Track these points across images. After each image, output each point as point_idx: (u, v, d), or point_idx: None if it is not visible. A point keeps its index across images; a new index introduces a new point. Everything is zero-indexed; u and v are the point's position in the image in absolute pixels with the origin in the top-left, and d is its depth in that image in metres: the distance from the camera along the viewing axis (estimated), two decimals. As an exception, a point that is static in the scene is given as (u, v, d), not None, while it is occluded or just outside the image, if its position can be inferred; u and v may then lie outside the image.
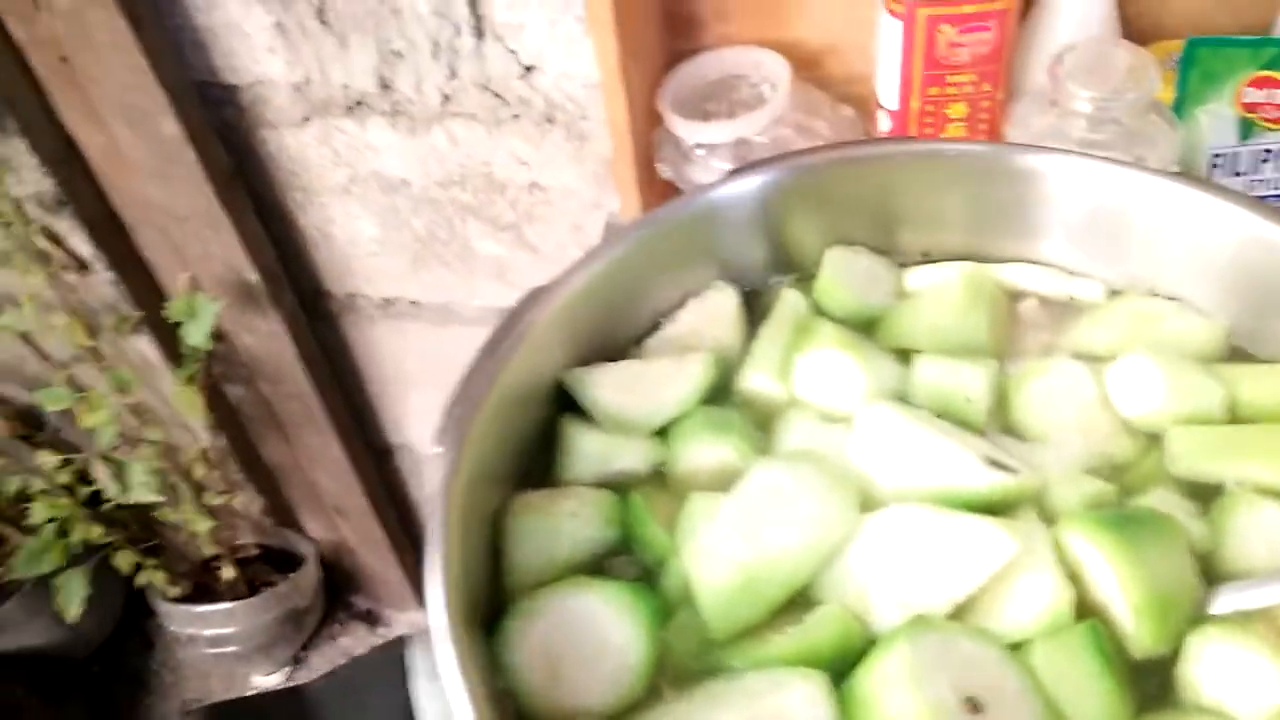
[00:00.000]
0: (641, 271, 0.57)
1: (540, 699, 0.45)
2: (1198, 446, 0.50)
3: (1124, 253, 0.56)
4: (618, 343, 0.59)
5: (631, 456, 0.54)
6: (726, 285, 0.61)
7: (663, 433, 0.56)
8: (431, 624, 0.38)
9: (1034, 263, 0.60)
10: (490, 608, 0.48)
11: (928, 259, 0.61)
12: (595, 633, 0.47)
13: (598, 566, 0.51)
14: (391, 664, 0.40)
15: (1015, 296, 0.59)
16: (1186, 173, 0.53)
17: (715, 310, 0.60)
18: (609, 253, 0.54)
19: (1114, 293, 0.59)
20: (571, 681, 0.46)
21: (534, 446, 0.55)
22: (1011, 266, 0.60)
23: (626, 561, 0.51)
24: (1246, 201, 0.51)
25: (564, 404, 0.56)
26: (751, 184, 0.56)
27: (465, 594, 0.43)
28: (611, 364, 0.57)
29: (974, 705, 0.40)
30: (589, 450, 0.54)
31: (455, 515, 0.43)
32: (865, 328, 0.59)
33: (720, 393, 0.57)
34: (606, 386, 0.56)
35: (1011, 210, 0.56)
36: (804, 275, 0.61)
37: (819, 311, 0.60)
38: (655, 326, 0.60)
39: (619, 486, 0.53)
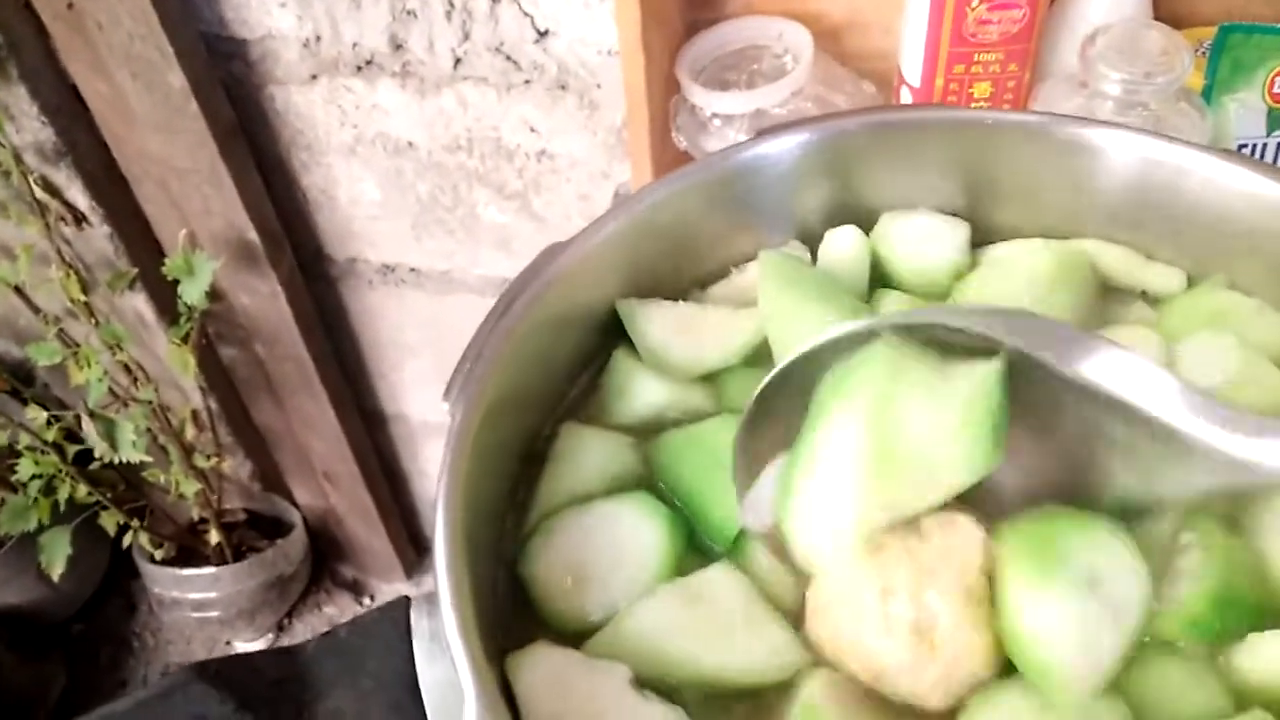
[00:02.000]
0: (701, 215, 0.55)
1: (562, 605, 0.46)
2: None
3: (1174, 236, 0.54)
4: (680, 283, 0.58)
5: (675, 399, 0.53)
6: (799, 244, 0.59)
7: (710, 380, 0.55)
8: (438, 586, 0.37)
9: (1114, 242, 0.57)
10: (514, 540, 0.48)
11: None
12: (615, 538, 0.47)
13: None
14: (391, 625, 0.39)
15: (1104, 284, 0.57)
16: (1239, 154, 0.52)
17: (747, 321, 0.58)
18: (661, 189, 0.53)
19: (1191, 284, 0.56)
20: (593, 587, 0.46)
21: (580, 370, 0.55)
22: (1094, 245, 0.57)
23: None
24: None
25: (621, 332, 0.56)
26: (810, 139, 0.54)
27: (473, 548, 0.42)
28: (668, 302, 0.56)
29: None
30: (635, 389, 0.54)
31: (465, 465, 0.42)
32: (933, 292, 0.57)
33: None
34: (656, 321, 0.55)
35: (1059, 187, 0.55)
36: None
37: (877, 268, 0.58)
38: (725, 274, 0.59)
39: (657, 427, 0.53)
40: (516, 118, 1.06)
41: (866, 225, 0.58)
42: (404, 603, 0.40)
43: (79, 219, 1.17)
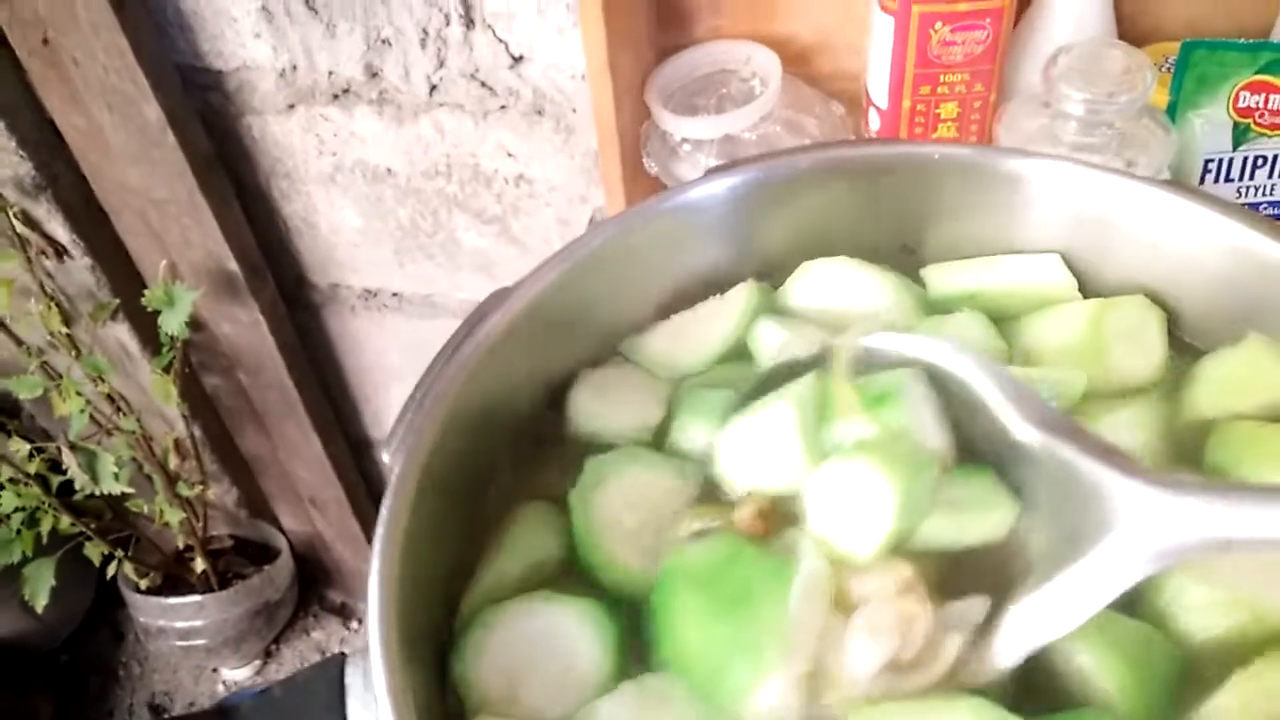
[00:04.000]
0: (650, 255, 0.55)
1: (497, 714, 0.44)
2: None
3: (1109, 260, 0.55)
4: (631, 322, 0.58)
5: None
6: (754, 282, 0.59)
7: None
8: (370, 641, 0.37)
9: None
10: (449, 623, 0.47)
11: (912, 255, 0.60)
12: (557, 648, 0.45)
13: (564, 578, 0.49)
14: (328, 683, 0.38)
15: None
16: (1172, 180, 0.52)
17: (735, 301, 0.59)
18: (606, 230, 0.53)
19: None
20: (531, 698, 0.44)
21: (511, 449, 0.54)
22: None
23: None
24: (1234, 211, 0.50)
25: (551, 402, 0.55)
26: (728, 184, 0.54)
27: (413, 609, 0.41)
28: (662, 321, 0.58)
29: None
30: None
31: (401, 528, 0.41)
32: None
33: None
34: (656, 339, 0.57)
35: (997, 214, 0.55)
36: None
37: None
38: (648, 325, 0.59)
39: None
40: (493, 143, 1.06)
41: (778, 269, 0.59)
42: (339, 659, 0.40)
43: (60, 252, 1.18)
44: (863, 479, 0.43)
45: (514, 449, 0.54)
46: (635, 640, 0.46)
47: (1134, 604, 0.46)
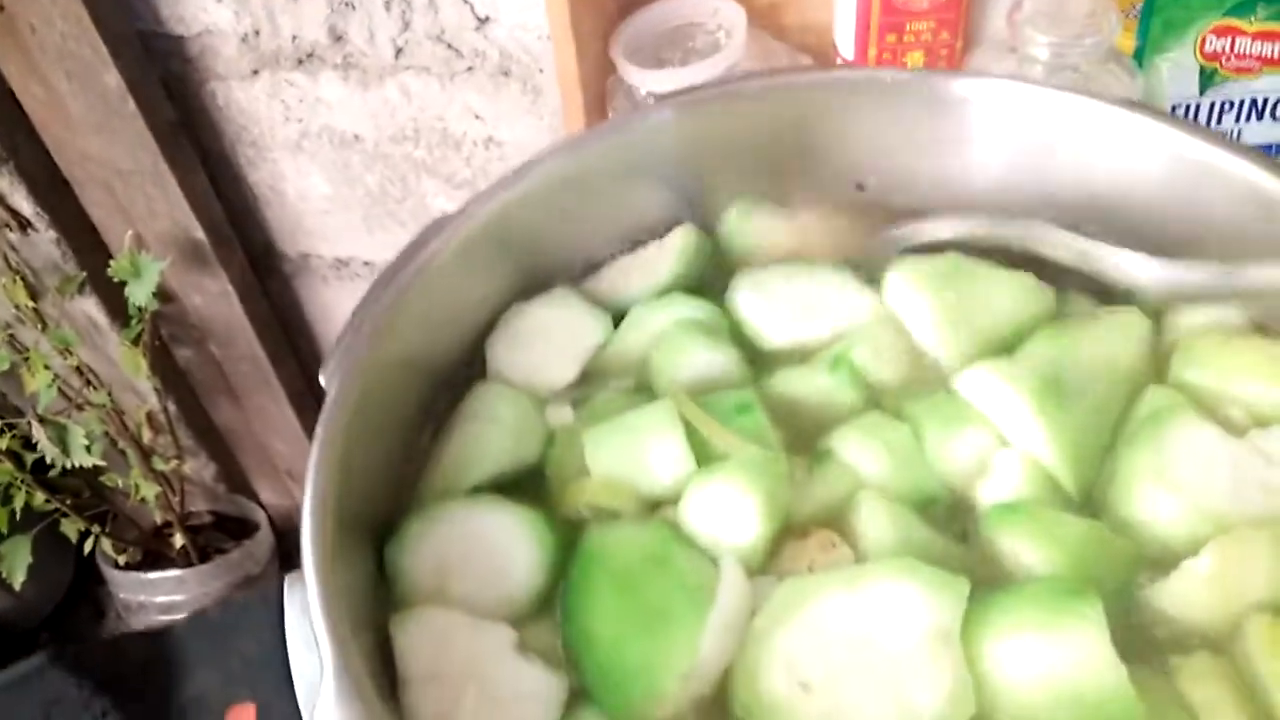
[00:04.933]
0: (595, 183, 0.55)
1: (424, 604, 0.45)
2: None
3: (1058, 178, 0.54)
4: (574, 256, 0.58)
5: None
6: (692, 225, 0.59)
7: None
8: (304, 559, 0.37)
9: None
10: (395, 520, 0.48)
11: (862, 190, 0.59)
12: (494, 551, 0.46)
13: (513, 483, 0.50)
14: (263, 605, 0.38)
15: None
16: (1114, 97, 0.52)
17: (673, 244, 0.59)
18: (553, 158, 0.52)
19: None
20: (458, 595, 0.45)
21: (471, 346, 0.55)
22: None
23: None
24: (1173, 121, 0.50)
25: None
26: (675, 110, 0.54)
27: (348, 520, 0.42)
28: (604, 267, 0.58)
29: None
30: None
31: (336, 452, 0.41)
32: None
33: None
34: (603, 278, 0.57)
35: (946, 144, 0.55)
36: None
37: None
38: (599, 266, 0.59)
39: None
40: (461, 106, 1.05)
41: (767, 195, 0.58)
42: (278, 583, 0.40)
43: (24, 225, 1.16)
44: (726, 495, 0.46)
45: (451, 378, 0.54)
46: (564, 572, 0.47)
47: (1096, 510, 0.46)
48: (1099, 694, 0.39)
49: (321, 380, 0.44)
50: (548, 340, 0.55)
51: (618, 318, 0.57)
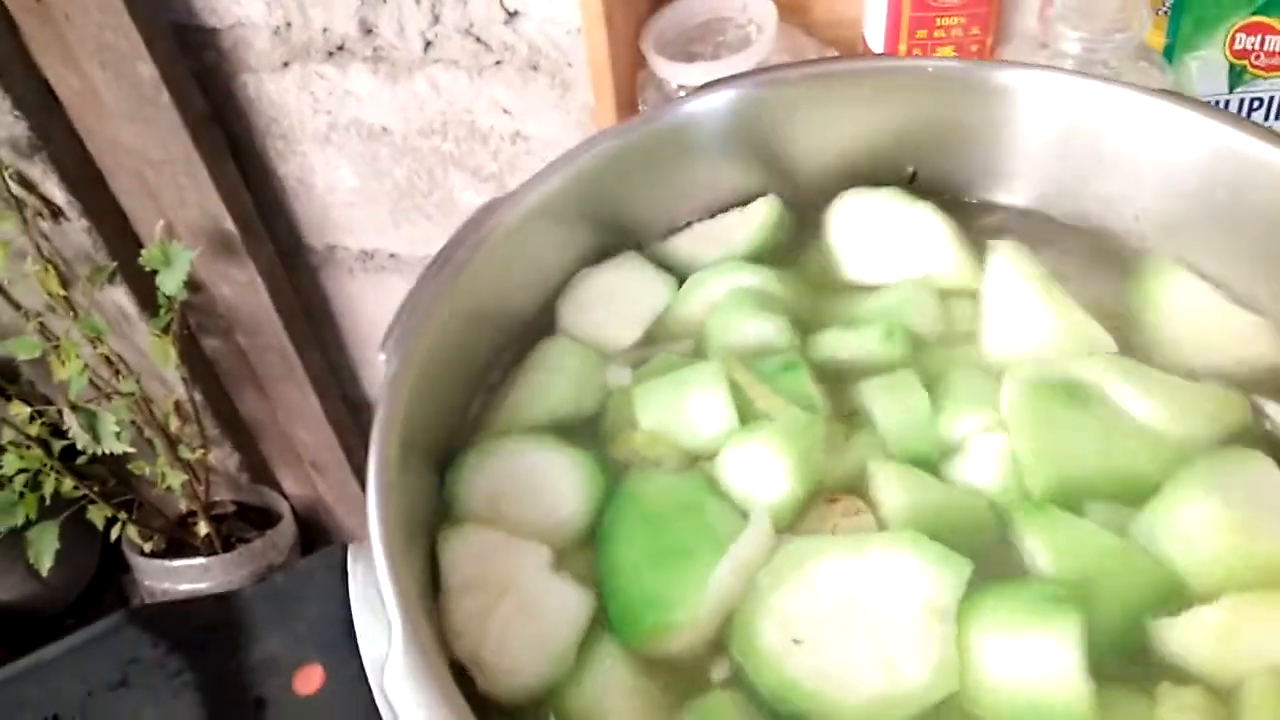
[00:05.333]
0: (644, 169, 0.56)
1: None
2: None
3: (1101, 171, 0.55)
4: (628, 236, 0.59)
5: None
6: (776, 197, 0.60)
7: None
8: (370, 531, 0.38)
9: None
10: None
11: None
12: (541, 484, 0.48)
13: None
14: (328, 572, 0.39)
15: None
16: (1157, 89, 0.52)
17: (755, 215, 0.60)
18: (604, 142, 0.53)
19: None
20: (509, 521, 0.47)
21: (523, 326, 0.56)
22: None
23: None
24: (1218, 114, 0.51)
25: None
26: (727, 97, 0.55)
27: (410, 506, 0.42)
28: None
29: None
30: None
31: (398, 424, 0.42)
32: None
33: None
34: (682, 241, 0.59)
35: (991, 131, 0.55)
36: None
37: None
38: (674, 227, 0.61)
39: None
40: (489, 100, 1.06)
41: (807, 180, 0.59)
42: (342, 549, 0.41)
43: (56, 213, 1.17)
44: (761, 455, 0.47)
45: (523, 333, 0.56)
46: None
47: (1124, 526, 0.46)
48: (1057, 710, 0.40)
49: (380, 357, 0.45)
50: (612, 303, 0.57)
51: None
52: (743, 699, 0.42)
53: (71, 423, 1.16)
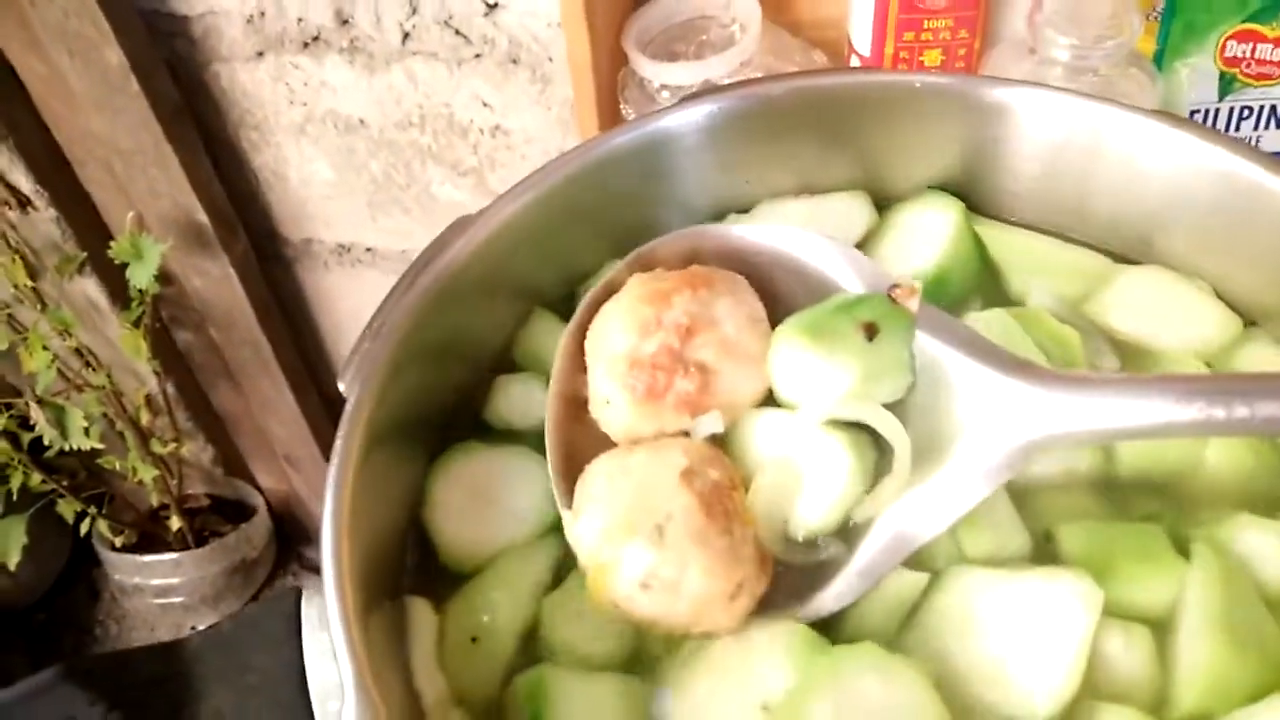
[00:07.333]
0: (620, 183, 0.54)
1: (449, 532, 0.49)
2: None
3: (1093, 191, 0.53)
4: (599, 253, 0.58)
5: None
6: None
7: None
8: (325, 577, 0.36)
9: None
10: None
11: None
12: (506, 487, 0.50)
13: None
14: (280, 618, 0.37)
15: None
16: (1159, 110, 0.51)
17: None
18: (577, 158, 0.52)
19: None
20: (474, 523, 0.49)
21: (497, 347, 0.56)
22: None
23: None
24: (1218, 138, 0.49)
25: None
26: (703, 112, 0.53)
27: (370, 544, 0.41)
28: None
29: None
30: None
31: (355, 462, 0.41)
32: None
33: None
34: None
35: (980, 148, 0.54)
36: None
37: None
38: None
39: None
40: (468, 93, 1.04)
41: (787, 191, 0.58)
42: (294, 594, 0.39)
43: (23, 203, 1.15)
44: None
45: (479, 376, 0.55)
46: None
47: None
48: None
49: (340, 386, 0.43)
50: None
51: None
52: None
53: (38, 417, 1.13)
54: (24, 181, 1.13)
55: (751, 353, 0.46)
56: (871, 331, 0.44)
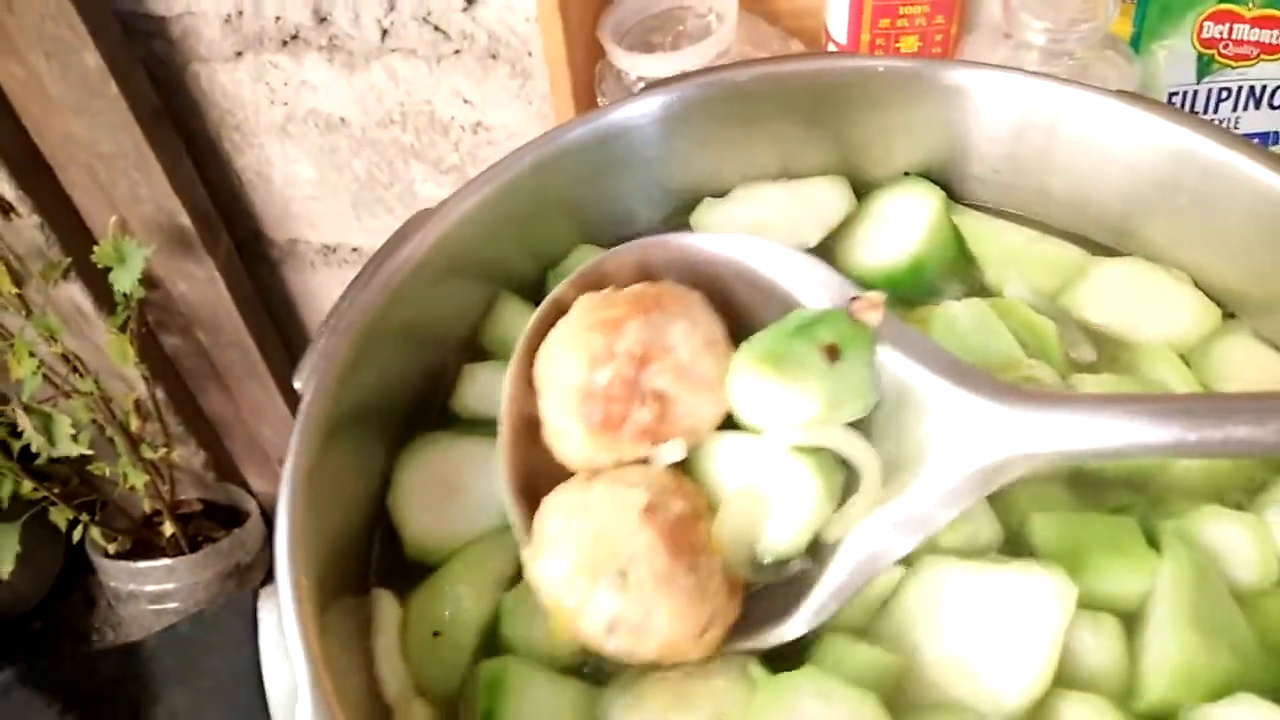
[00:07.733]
0: (582, 174, 0.54)
1: (414, 524, 0.49)
2: None
3: (1054, 171, 0.53)
4: (564, 245, 0.57)
5: None
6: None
7: None
8: (279, 578, 0.36)
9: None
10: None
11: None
12: (471, 476, 0.49)
13: None
14: (237, 619, 0.37)
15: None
16: (1117, 90, 0.50)
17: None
18: (536, 150, 0.51)
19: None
20: (438, 515, 0.49)
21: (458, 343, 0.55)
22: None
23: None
24: (1177, 115, 0.49)
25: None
26: (662, 101, 0.52)
27: (329, 543, 0.40)
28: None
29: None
30: None
31: (308, 463, 0.40)
32: None
33: None
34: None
35: (942, 131, 0.53)
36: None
37: None
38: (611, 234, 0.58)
39: None
40: (449, 90, 1.03)
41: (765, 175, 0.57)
42: (251, 596, 0.38)
43: (6, 209, 1.14)
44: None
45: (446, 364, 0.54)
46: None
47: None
48: None
49: (296, 384, 0.42)
50: None
51: None
52: None
53: (25, 425, 1.13)
54: (6, 188, 1.12)
55: (709, 378, 0.45)
56: (834, 354, 0.43)
